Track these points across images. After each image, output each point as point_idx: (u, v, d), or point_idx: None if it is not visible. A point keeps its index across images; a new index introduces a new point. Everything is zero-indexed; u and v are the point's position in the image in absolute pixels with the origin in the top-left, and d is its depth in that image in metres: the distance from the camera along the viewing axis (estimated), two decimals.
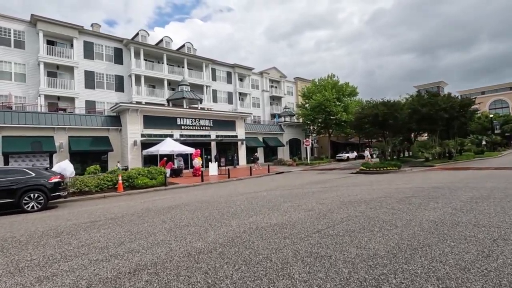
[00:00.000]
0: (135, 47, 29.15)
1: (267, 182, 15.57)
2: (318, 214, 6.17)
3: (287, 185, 13.26)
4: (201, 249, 4.20)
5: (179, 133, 26.32)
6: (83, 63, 26.39)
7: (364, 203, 7.28)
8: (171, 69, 32.73)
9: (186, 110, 26.95)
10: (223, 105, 37.28)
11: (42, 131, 20.99)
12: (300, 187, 12.06)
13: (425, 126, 23.06)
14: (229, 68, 39.46)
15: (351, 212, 6.22)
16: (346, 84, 39.05)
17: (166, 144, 20.79)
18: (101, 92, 27.49)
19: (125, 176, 14.24)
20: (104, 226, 6.33)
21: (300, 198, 8.77)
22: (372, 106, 23.64)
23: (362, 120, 24.65)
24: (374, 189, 10.01)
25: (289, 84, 49.99)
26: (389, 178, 14.18)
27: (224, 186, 14.56)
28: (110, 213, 8.02)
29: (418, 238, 4.21)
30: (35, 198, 9.53)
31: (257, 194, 10.26)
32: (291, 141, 40.12)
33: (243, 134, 31.74)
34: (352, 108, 38.10)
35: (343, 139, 52.56)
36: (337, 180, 14.58)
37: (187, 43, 35.45)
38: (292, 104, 48.72)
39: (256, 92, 43.48)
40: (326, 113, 36.70)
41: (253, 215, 6.51)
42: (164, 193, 13.13)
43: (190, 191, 13.09)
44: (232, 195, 10.62)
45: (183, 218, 6.69)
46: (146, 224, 6.21)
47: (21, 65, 23.71)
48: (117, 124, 24.35)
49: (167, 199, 10.68)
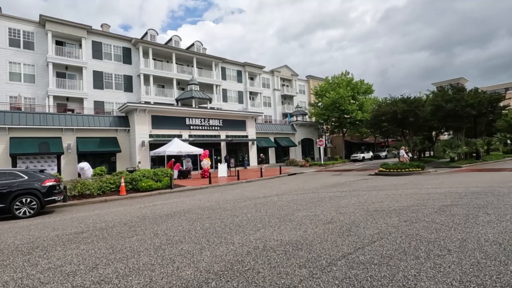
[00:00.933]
0: (144, 47, 28.69)
1: (278, 184, 14.47)
2: (340, 229, 5.04)
3: (300, 188, 12.12)
4: (189, 282, 3.18)
5: (188, 134, 25.61)
6: (91, 63, 26.12)
7: (394, 213, 6.07)
8: (180, 69, 32.14)
9: (195, 110, 26.20)
10: (233, 104, 36.41)
11: (50, 132, 20.70)
12: (315, 191, 10.89)
13: (450, 124, 21.27)
14: (240, 67, 38.56)
15: (381, 226, 5.05)
16: (361, 82, 37.41)
17: (174, 145, 20.04)
18: (110, 92, 27.15)
19: (128, 179, 13.49)
20: (87, 239, 5.43)
21: (316, 205, 7.64)
22: (391, 103, 22.05)
23: (380, 118, 23.08)
24: (400, 194, 8.73)
25: (301, 83, 48.62)
26: (414, 180, 12.77)
27: (232, 189, 13.57)
28: (101, 222, 7.16)
29: (486, 270, 3.04)
30: (27, 203, 8.83)
31: (267, 200, 9.19)
32: (304, 141, 38.80)
33: (254, 134, 30.73)
34: (368, 106, 36.42)
35: (357, 139, 50.73)
36: (355, 183, 13.30)
37: (196, 42, 34.80)
38: (304, 103, 47.34)
39: (267, 91, 42.39)
40: (340, 112, 35.18)
41: (261, 227, 5.45)
42: (168, 196, 12.28)
43: (196, 195, 12.17)
44: (239, 200, 9.60)
45: (179, 230, 5.71)
46: (135, 238, 5.27)
47: (30, 66, 23.61)
48: (125, 125, 23.87)
49: (169, 204, 9.77)
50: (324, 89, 37.18)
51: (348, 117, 36.03)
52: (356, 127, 38.21)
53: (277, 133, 35.23)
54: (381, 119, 22.83)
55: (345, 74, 38.11)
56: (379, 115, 22.66)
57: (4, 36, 22.61)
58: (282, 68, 44.73)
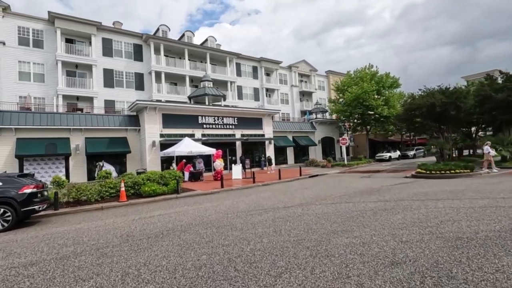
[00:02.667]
0: (155, 43, 27.50)
1: (301, 189, 12.41)
2: (421, 284, 2.95)
3: (328, 195, 10.01)
4: None
5: (201, 133, 24.05)
6: (101, 61, 25.20)
7: (498, 247, 3.89)
8: (193, 65, 30.76)
9: (208, 108, 24.59)
10: (249, 102, 34.59)
11: (58, 133, 19.78)
12: (349, 199, 8.76)
13: (500, 117, 18.21)
14: (255, 63, 36.69)
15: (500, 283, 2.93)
16: (387, 75, 34.45)
17: (184, 144, 18.47)
18: (121, 91, 26.14)
19: (129, 183, 11.95)
20: (29, 278, 3.71)
21: (358, 223, 5.56)
22: (427, 95, 19.25)
23: (413, 113, 20.29)
24: (473, 207, 6.44)
25: (320, 79, 46.02)
26: (472, 185, 10.26)
27: (246, 195, 11.68)
28: (72, 244, 5.48)
29: None
30: (0, 214, 7.39)
31: (289, 212, 7.20)
32: (324, 139, 36.31)
33: (271, 132, 28.75)
34: (394, 101, 33.44)
35: (381, 137, 47.43)
36: (394, 188, 10.99)
37: (210, 37, 33.33)
38: (324, 100, 44.72)
39: (285, 88, 40.24)
40: (364, 108, 32.47)
41: (284, 270, 3.48)
42: (172, 204, 10.58)
43: (203, 202, 10.38)
44: (254, 211, 7.67)
45: (161, 268, 3.85)
46: (91, 282, 3.48)
47: (40, 65, 22.95)
48: (136, 124, 22.65)
49: (168, 215, 8.02)
50: (346, 84, 34.58)
51: (373, 114, 33.25)
52: (382, 124, 35.27)
53: (295, 132, 33.03)
54: (414, 113, 20.04)
55: (368, 67, 35.25)
56: (413, 108, 19.88)
57: (14, 35, 22.05)
58: (300, 63, 42.41)
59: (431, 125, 20.48)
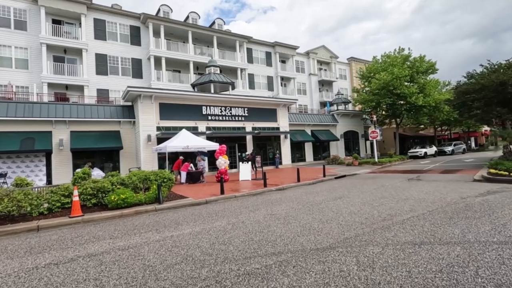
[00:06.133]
0: (155, 24, 24.21)
1: (331, 199, 8.62)
2: None
3: (384, 216, 6.17)
4: None
5: (205, 125, 20.61)
6: (93, 44, 22.18)
7: None
8: (199, 51, 27.35)
9: (214, 96, 21.07)
10: (262, 91, 30.82)
11: (38, 125, 16.90)
12: (433, 228, 4.91)
13: None
14: (269, 48, 32.76)
15: None
16: (421, 58, 29.56)
17: (180, 138, 15.05)
18: (116, 78, 23.07)
19: (89, 190, 8.56)
20: None
21: None
22: (493, 72, 14.70)
23: (471, 96, 15.78)
24: None
25: (342, 66, 41.46)
26: None
27: (252, 208, 8.04)
28: None
29: None
30: None
31: (329, 268, 3.49)
32: (347, 134, 32.04)
33: (287, 125, 24.91)
34: (430, 89, 28.65)
35: (410, 131, 42.42)
36: (488, 201, 6.99)
37: (217, 19, 29.73)
38: (346, 90, 40.24)
39: (302, 77, 36.10)
40: (395, 97, 27.94)
41: None
42: (142, 222, 7.10)
43: (184, 224, 6.83)
44: (261, 250, 4.01)
45: None
46: None
47: (23, 49, 20.18)
48: (131, 116, 19.50)
49: (116, 254, 4.51)
50: (373, 70, 30.05)
51: (404, 103, 28.63)
52: (415, 115, 30.57)
53: (314, 125, 28.99)
54: (474, 96, 15.51)
55: (399, 51, 30.45)
56: (472, 90, 15.38)
57: None
58: (319, 49, 38.06)
59: (498, 112, 15.76)
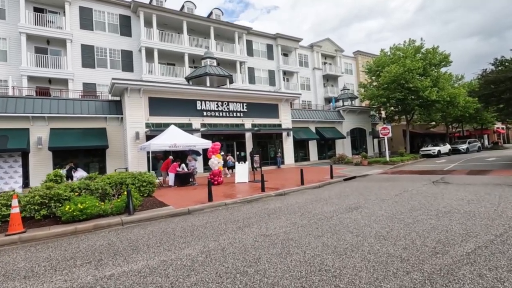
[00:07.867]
0: (146, 13, 22.45)
1: (345, 210, 6.78)
2: None
3: (430, 241, 4.34)
4: None
5: (200, 122, 18.88)
6: (79, 34, 20.49)
7: None
8: (195, 43, 25.57)
9: (209, 90, 19.29)
10: (263, 86, 28.94)
11: (13, 122, 15.28)
12: None
13: None
14: (270, 40, 30.85)
15: None
16: (434, 49, 27.46)
17: (166, 135, 13.28)
18: (104, 72, 21.35)
19: (37, 199, 6.78)
20: None
21: None
22: None
23: (503, 86, 13.69)
24: None
25: (347, 61, 39.41)
26: None
27: (242, 224, 6.23)
28: None
29: None
30: None
31: None
32: (353, 131, 30.07)
33: (290, 122, 23.07)
34: (444, 83, 26.61)
35: (420, 129, 40.27)
36: None
37: (215, 9, 27.92)
38: (352, 85, 38.21)
39: (305, 71, 34.16)
40: (406, 91, 25.91)
41: None
42: (94, 242, 5.32)
43: (154, 243, 5.03)
44: None
45: None
46: None
47: (2, 39, 18.57)
48: (118, 112, 17.82)
49: None
50: (381, 64, 27.99)
51: (416, 98, 26.58)
52: (428, 111, 28.53)
53: (319, 122, 27.08)
54: (505, 86, 13.43)
55: (409, 42, 28.35)
56: (501, 79, 13.35)
57: None
58: (323, 42, 36.05)
59: None
